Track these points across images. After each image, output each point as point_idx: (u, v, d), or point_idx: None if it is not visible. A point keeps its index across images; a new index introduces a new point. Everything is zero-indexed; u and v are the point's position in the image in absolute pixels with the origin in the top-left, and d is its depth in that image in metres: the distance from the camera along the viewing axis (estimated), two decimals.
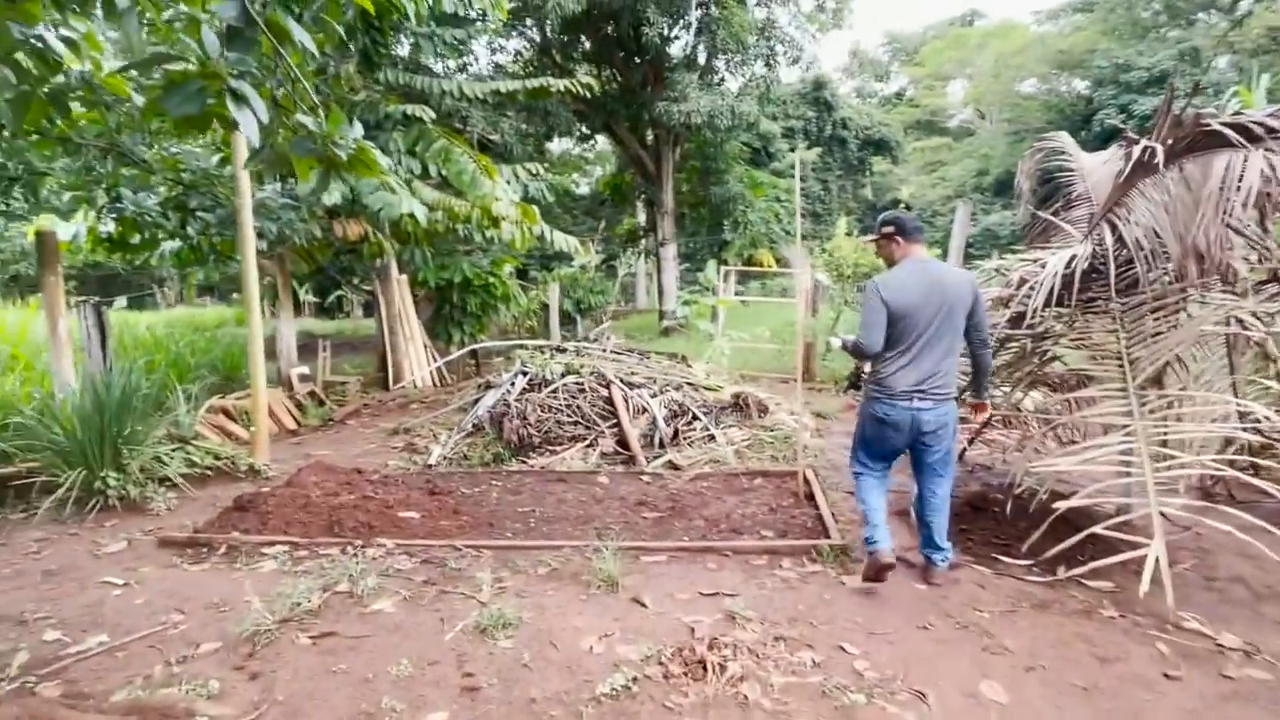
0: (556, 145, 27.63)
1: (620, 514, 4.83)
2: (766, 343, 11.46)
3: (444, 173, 8.20)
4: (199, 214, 6.65)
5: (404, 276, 10.99)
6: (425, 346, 11.23)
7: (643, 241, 21.73)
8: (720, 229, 20.86)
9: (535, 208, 9.12)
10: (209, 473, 5.88)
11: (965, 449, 5.86)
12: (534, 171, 10.38)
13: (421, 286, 11.13)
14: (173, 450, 5.95)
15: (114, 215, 6.65)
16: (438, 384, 10.99)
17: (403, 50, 10.31)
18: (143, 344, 9.22)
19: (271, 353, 9.81)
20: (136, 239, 8.16)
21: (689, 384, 7.46)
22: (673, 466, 6.00)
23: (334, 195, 7.28)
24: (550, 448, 6.35)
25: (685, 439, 6.48)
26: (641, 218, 21.76)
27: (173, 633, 3.42)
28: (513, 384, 7.08)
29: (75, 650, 3.26)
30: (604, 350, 8.01)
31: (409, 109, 8.32)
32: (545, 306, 17.10)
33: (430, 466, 6.19)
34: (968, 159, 39.53)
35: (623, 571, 3.84)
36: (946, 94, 47.53)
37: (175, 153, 6.53)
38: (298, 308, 26.98)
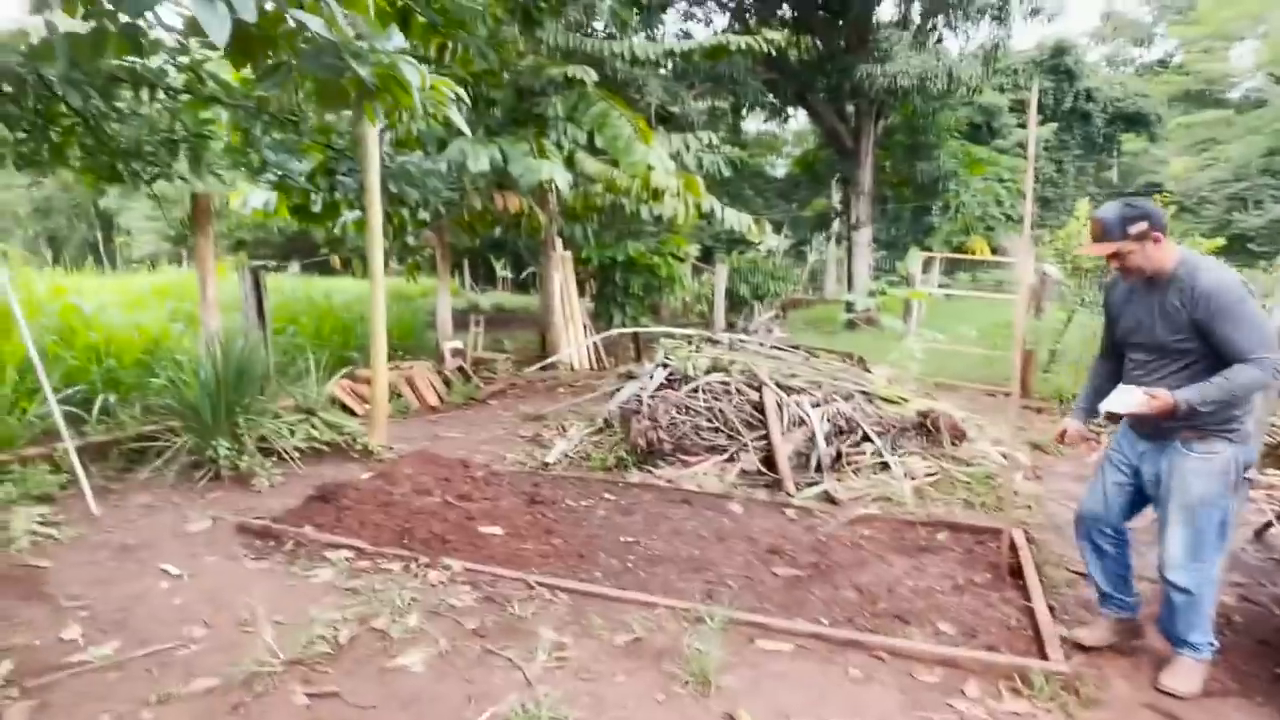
0: (752, 125, 26.33)
1: (745, 563, 3.72)
2: (972, 345, 9.56)
3: (600, 139, 7.41)
4: (341, 177, 6.38)
5: (568, 254, 10.48)
6: (586, 327, 10.68)
7: (834, 224, 19.86)
8: (926, 212, 18.48)
9: (700, 179, 8.08)
10: (325, 448, 5.56)
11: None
12: (708, 142, 9.32)
13: (585, 264, 10.56)
14: (298, 421, 5.72)
15: (267, 181, 6.57)
16: (594, 366, 10.40)
17: (575, 15, 9.68)
18: (314, 310, 9.47)
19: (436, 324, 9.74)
20: (318, 207, 8.28)
21: (864, 393, 6.08)
22: (829, 500, 4.74)
23: (481, 161, 6.75)
24: (683, 457, 5.34)
25: (850, 464, 5.17)
26: (836, 199, 19.89)
27: (183, 653, 2.88)
28: (650, 377, 6.15)
29: (77, 660, 2.82)
30: (763, 345, 6.83)
31: (570, 70, 7.61)
32: (729, 293, 16.12)
33: (546, 466, 5.44)
34: (1255, 135, 32.41)
35: (725, 661, 2.76)
36: (1229, 58, 39.41)
37: (330, 120, 6.28)
38: (492, 281, 28.26)
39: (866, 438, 5.35)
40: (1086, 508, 3.02)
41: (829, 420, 5.50)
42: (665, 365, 6.22)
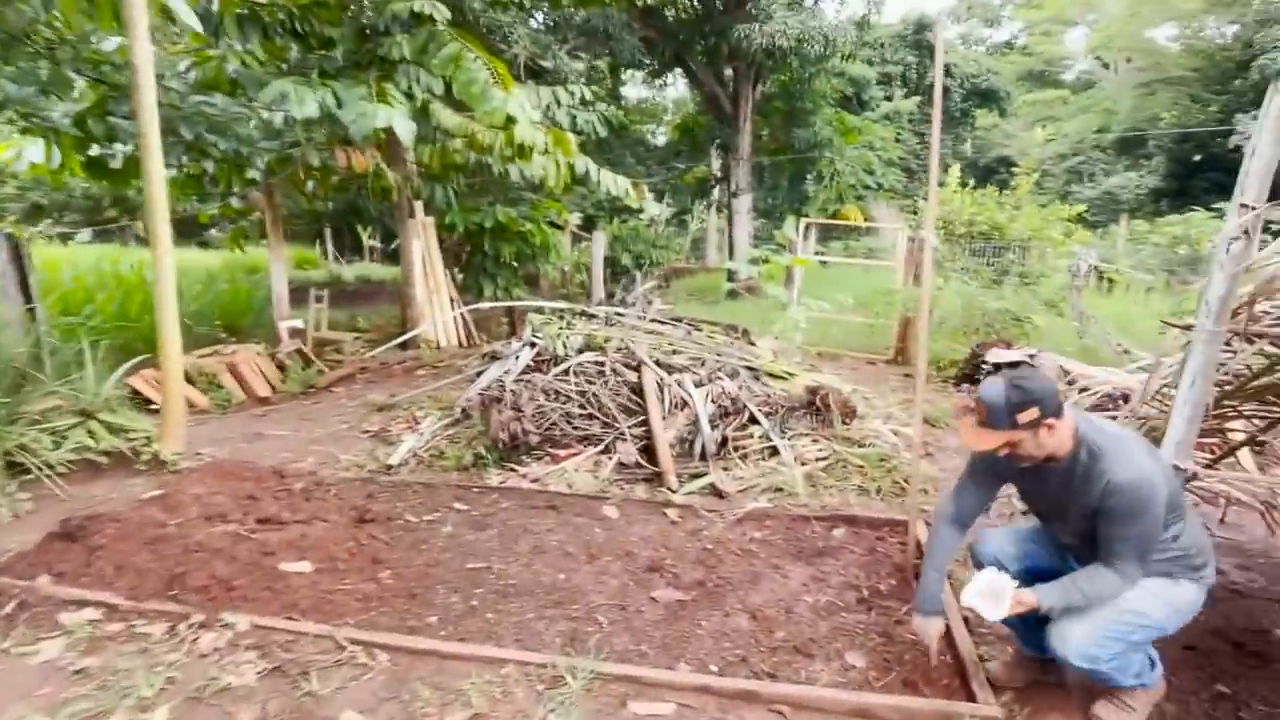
0: (632, 92, 25.47)
1: (619, 587, 3.06)
2: (852, 314, 9.37)
3: (455, 87, 6.41)
4: (121, 120, 5.10)
5: (430, 220, 9.39)
6: (453, 301, 9.66)
7: (714, 192, 19.52)
8: (802, 180, 18.45)
9: (574, 139, 7.25)
10: (104, 459, 4.42)
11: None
12: (581, 97, 8.46)
13: (450, 231, 9.50)
14: (70, 426, 4.53)
15: (8, 124, 5.18)
16: (464, 344, 9.44)
17: None
18: (121, 286, 7.94)
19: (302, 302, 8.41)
20: (117, 161, 6.79)
21: (750, 368, 5.56)
22: (716, 493, 4.17)
23: (308, 106, 5.62)
24: (552, 451, 4.61)
25: (737, 449, 4.63)
26: (716, 166, 19.53)
27: None
28: (516, 359, 5.36)
29: None
30: (643, 318, 6.18)
31: (418, 5, 6.53)
32: (606, 259, 15.40)
33: (389, 469, 4.56)
34: (1086, 113, 35.04)
35: None
36: (1065, 41, 42.36)
37: (96, 44, 4.95)
38: (359, 251, 26.10)
39: (754, 419, 4.83)
40: (991, 548, 2.51)
41: (714, 401, 4.93)
42: (533, 344, 5.44)
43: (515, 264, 9.93)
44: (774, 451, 4.56)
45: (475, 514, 3.80)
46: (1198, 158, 26.10)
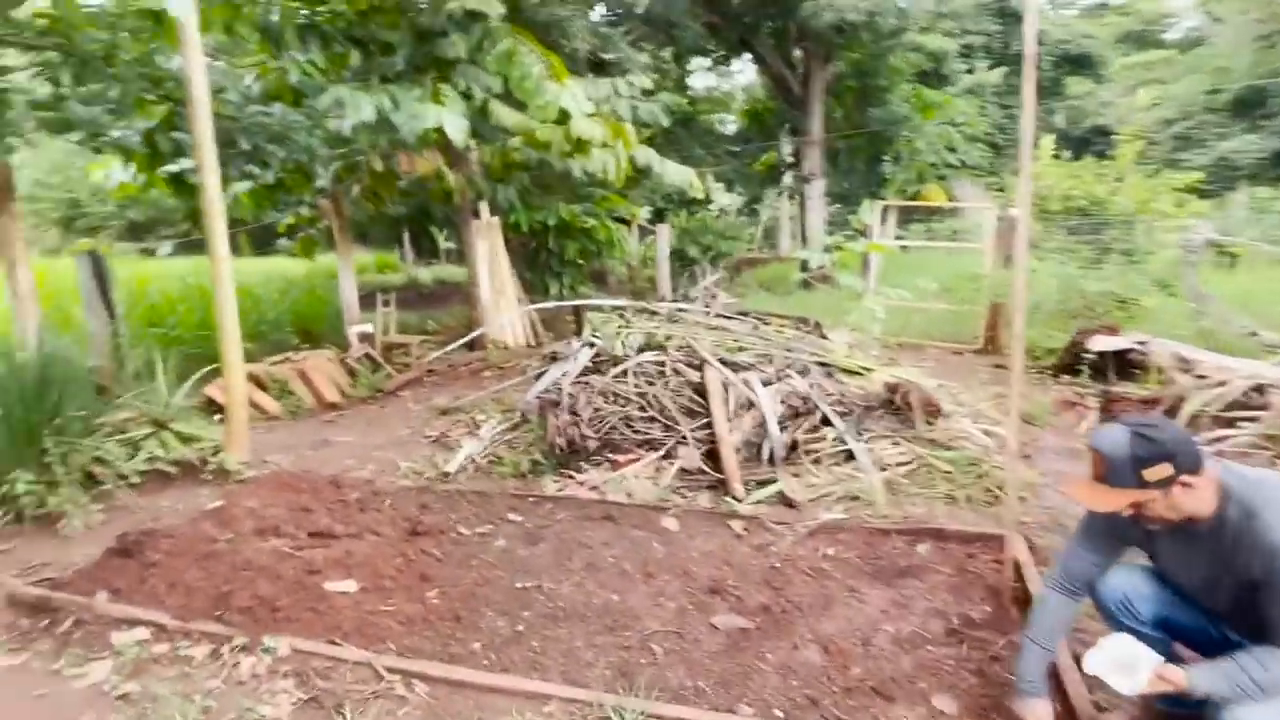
0: (700, 82, 25.05)
1: (677, 611, 2.80)
2: (934, 301, 8.77)
3: (510, 83, 6.27)
4: (184, 135, 5.19)
5: (495, 220, 9.36)
6: (520, 300, 9.61)
7: (785, 178, 18.89)
8: (879, 162, 17.61)
9: (632, 130, 7.01)
10: (173, 469, 4.49)
11: None
12: (640, 86, 8.21)
13: (514, 231, 9.45)
14: (144, 437, 4.63)
15: (82, 142, 5.33)
16: (532, 343, 9.37)
17: None
18: (204, 297, 8.22)
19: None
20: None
21: (822, 365, 5.20)
22: (785, 503, 3.86)
23: (364, 110, 5.60)
24: (611, 456, 4.40)
25: (809, 454, 4.29)
26: (787, 152, 18.90)
27: None
28: (575, 360, 5.17)
29: None
30: (707, 313, 5.89)
31: (471, 3, 6.43)
32: (674, 252, 15.15)
33: (446, 476, 4.45)
34: (1195, 74, 32.20)
35: None
36: None
37: (161, 62, 5.04)
38: (435, 253, 26.72)
39: (827, 420, 4.47)
40: (1120, 586, 2.10)
41: (783, 401, 4.61)
42: (591, 344, 5.24)
43: (580, 261, 9.79)
44: (849, 456, 4.20)
45: (529, 526, 3.62)
46: None
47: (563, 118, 6.19)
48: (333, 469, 4.66)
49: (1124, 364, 5.71)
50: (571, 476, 4.30)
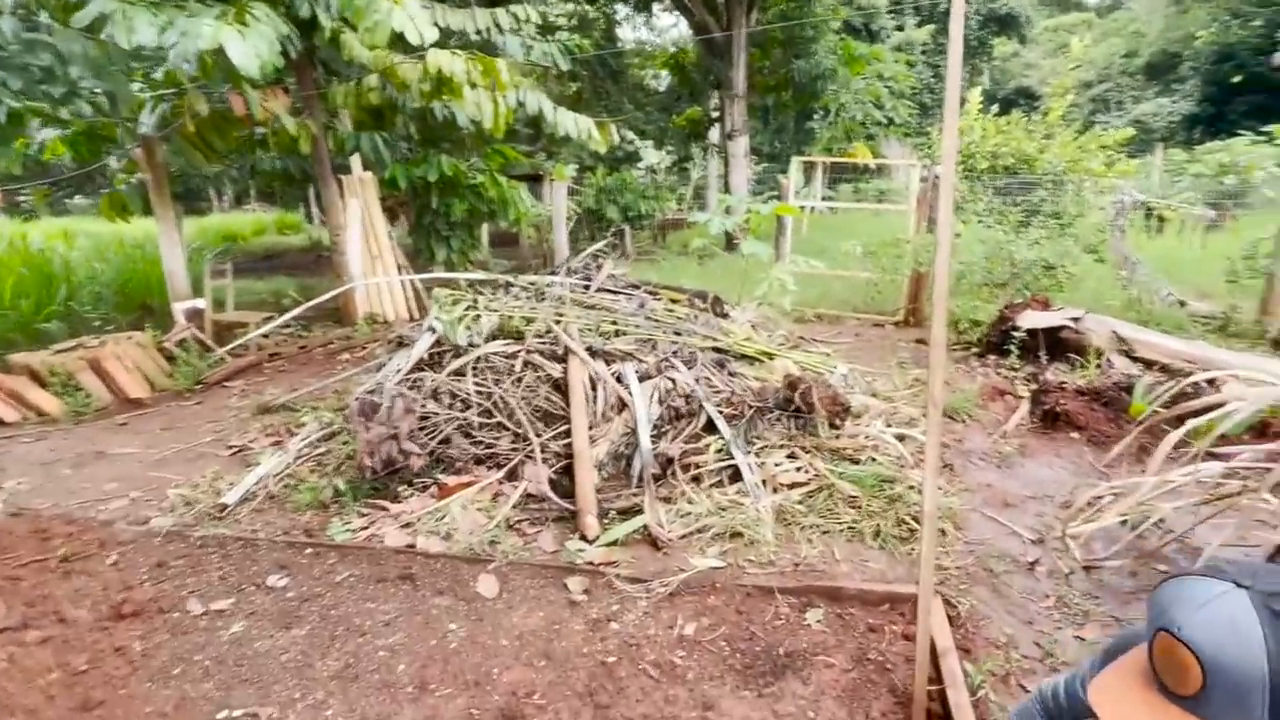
0: (630, 34, 23.58)
1: None
2: (854, 268, 8.00)
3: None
4: None
5: (368, 176, 8.09)
6: (403, 269, 8.41)
7: (710, 135, 17.84)
8: (808, 118, 16.76)
9: (502, 63, 5.85)
10: None
11: None
12: (526, 18, 6.99)
13: (391, 189, 8.18)
14: None
15: None
16: (417, 317, 8.22)
17: None
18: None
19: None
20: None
21: (716, 350, 4.30)
22: (650, 540, 2.96)
23: (141, 32, 4.28)
24: (442, 478, 3.41)
25: (688, 468, 3.40)
26: (713, 106, 17.81)
27: None
28: (411, 352, 4.12)
29: None
30: (589, 287, 4.88)
31: None
32: (591, 212, 14.04)
33: (224, 510, 3.37)
34: (1112, 38, 32.37)
35: None
36: None
37: None
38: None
39: (713, 425, 3.58)
40: None
41: (661, 401, 3.69)
42: (433, 330, 4.19)
43: (471, 223, 8.61)
44: (737, 474, 3.33)
45: (291, 596, 2.61)
46: (1237, 79, 23.77)
47: (406, 48, 4.99)
48: (81, 498, 3.54)
49: (1057, 342, 5.02)
50: (383, 507, 3.29)
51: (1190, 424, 2.84)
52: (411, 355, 4.02)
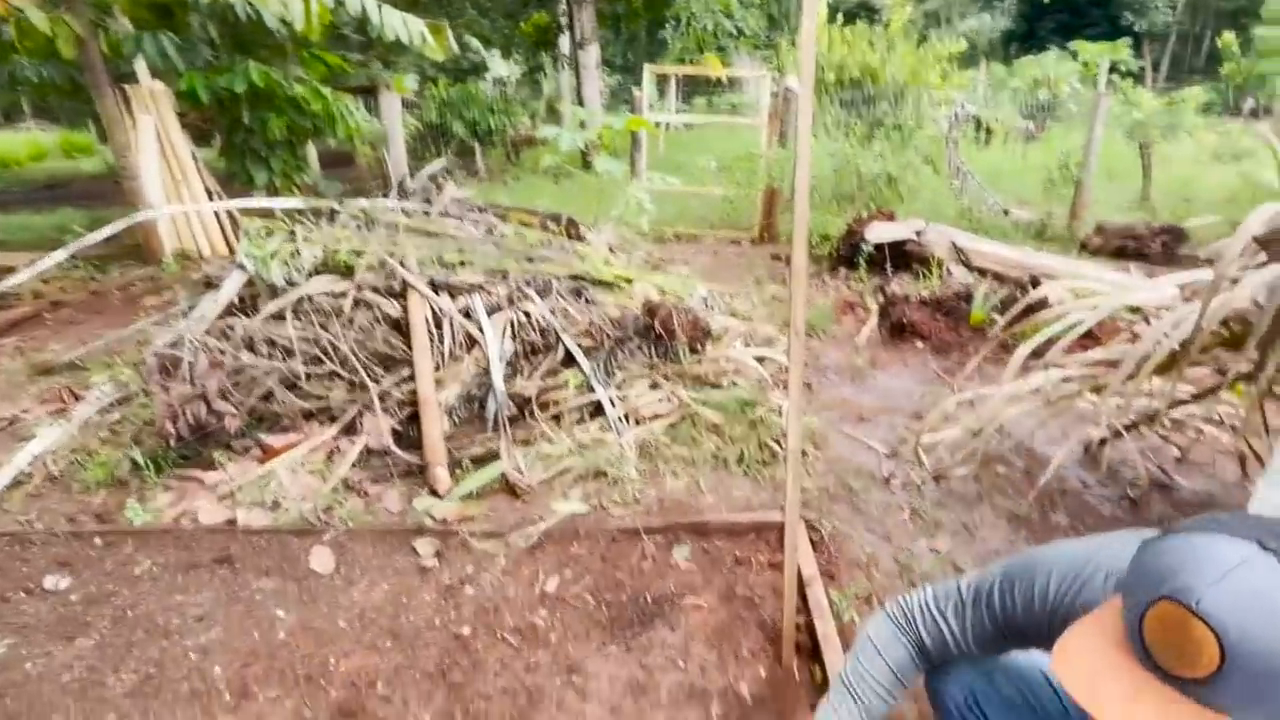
0: None
1: None
2: (710, 184, 7.89)
3: None
4: None
5: (159, 86, 6.88)
6: (215, 196, 7.34)
7: (559, 44, 16.88)
8: (659, 29, 16.19)
9: None
10: None
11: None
12: None
13: (191, 103, 7.00)
14: None
15: None
16: (234, 251, 7.25)
17: None
18: None
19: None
20: None
21: (573, 278, 4.03)
22: (508, 489, 2.74)
23: None
24: (264, 438, 2.98)
25: (547, 407, 3.18)
26: (561, 12, 16.74)
27: None
28: (218, 295, 3.54)
29: None
30: (429, 213, 4.41)
31: None
32: (435, 128, 13.00)
33: None
34: None
35: None
36: None
37: None
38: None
39: (571, 358, 3.36)
40: (964, 686, 1.25)
41: (514, 336, 3.41)
42: (242, 268, 3.61)
43: (292, 141, 7.61)
44: (598, 409, 3.15)
45: (74, 599, 2.17)
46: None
47: None
48: None
49: (902, 254, 5.17)
50: (196, 479, 2.84)
51: (1035, 338, 2.95)
52: (219, 299, 3.45)
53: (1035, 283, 4.11)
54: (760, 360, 3.56)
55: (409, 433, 3.07)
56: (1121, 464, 2.80)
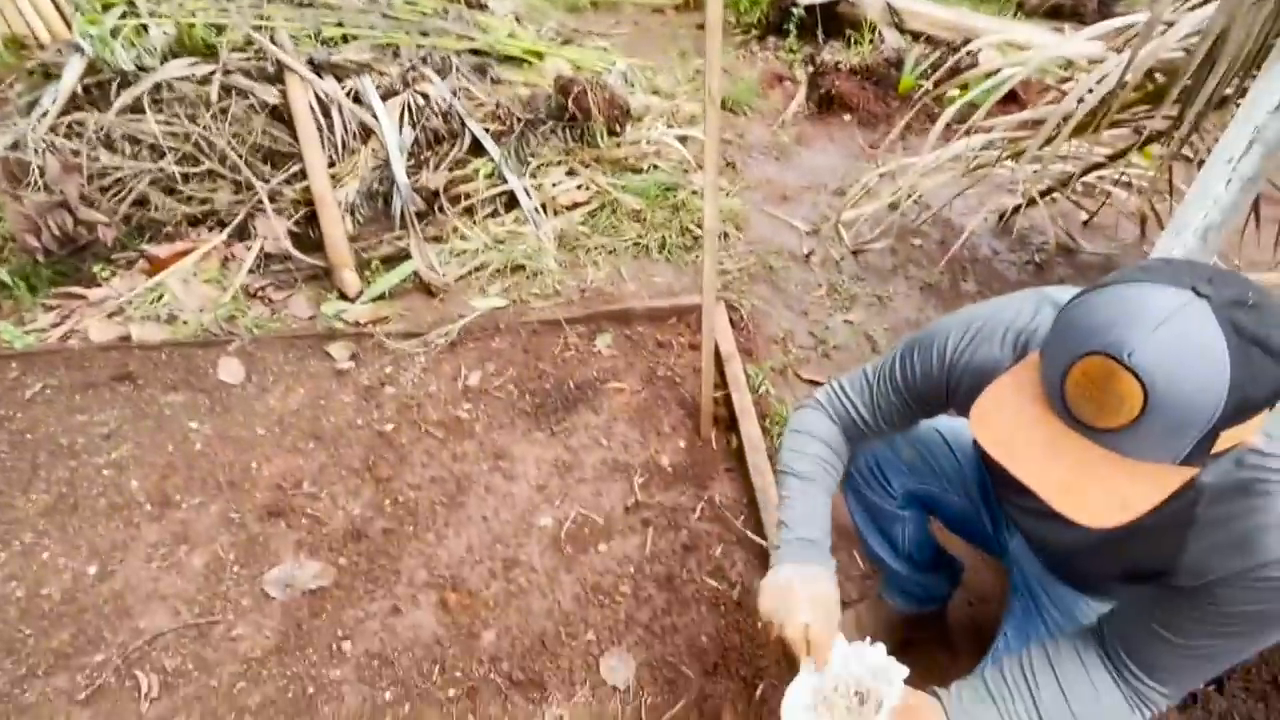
0: None
1: (204, 577, 1.64)
2: None
3: None
4: None
5: None
6: None
7: None
8: None
9: None
10: None
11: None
12: None
13: None
14: None
15: None
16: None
17: None
18: None
19: None
20: None
21: (475, 52, 3.60)
22: (423, 288, 2.63)
23: None
24: (148, 249, 2.72)
25: (458, 201, 2.97)
26: None
27: None
28: (60, 84, 3.03)
29: None
30: None
31: None
32: None
33: None
34: None
35: None
36: None
37: None
38: None
39: (479, 147, 3.09)
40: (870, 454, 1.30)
41: (414, 122, 3.09)
42: (79, 49, 3.06)
43: None
44: (513, 200, 2.96)
45: None
46: None
47: None
48: None
49: (834, 18, 4.78)
50: (79, 296, 2.61)
51: (958, 102, 2.83)
52: (59, 90, 2.96)
53: (967, 44, 3.91)
54: (683, 140, 3.35)
55: (309, 234, 2.85)
56: (1031, 230, 2.85)
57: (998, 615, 1.20)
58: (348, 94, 3.11)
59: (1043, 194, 2.64)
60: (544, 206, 2.93)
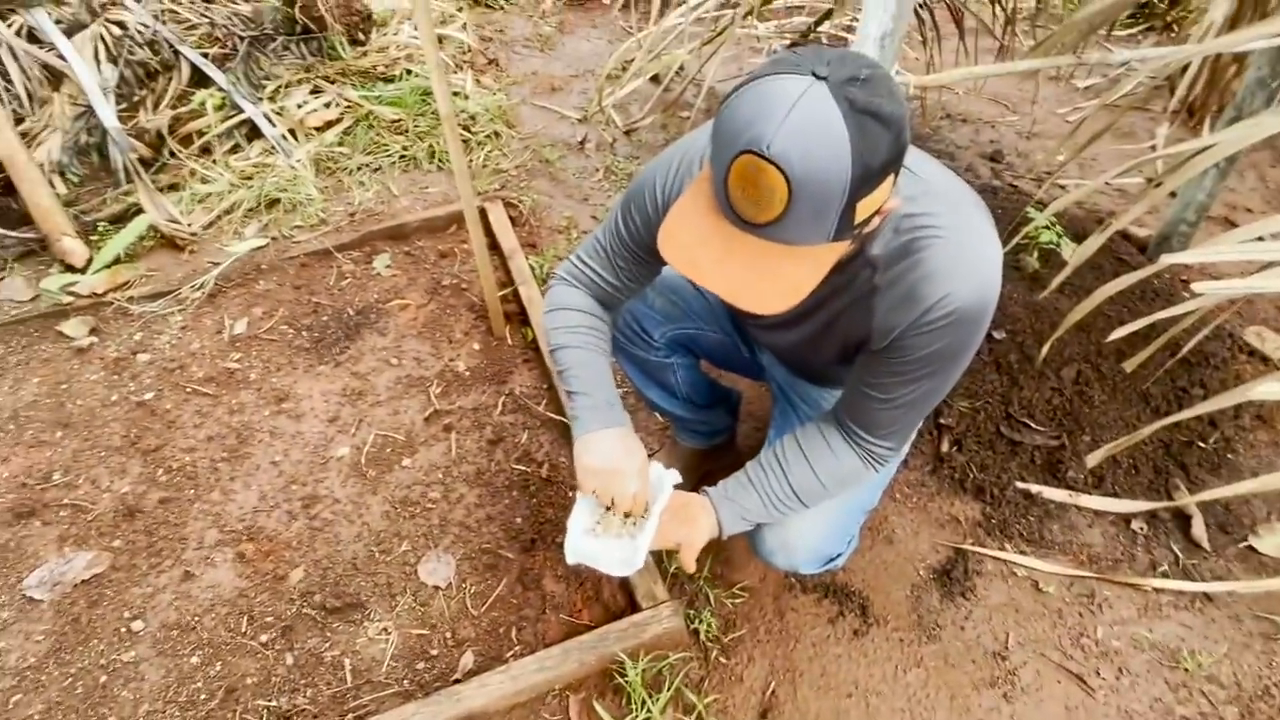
0: None
1: None
2: None
3: None
4: None
5: None
6: None
7: None
8: None
9: None
10: None
11: None
12: None
13: None
14: None
15: None
16: None
17: None
18: None
19: None
20: None
21: None
22: (167, 242, 2.33)
23: None
24: None
25: (190, 140, 2.61)
26: None
27: None
28: None
29: None
30: None
31: None
32: None
33: None
34: None
35: None
36: None
37: None
38: None
39: (201, 76, 2.71)
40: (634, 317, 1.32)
41: (114, 58, 2.64)
42: None
43: None
44: (255, 130, 2.65)
45: None
46: None
47: None
48: None
49: None
50: None
51: None
52: None
53: None
54: (440, 41, 3.12)
55: (11, 206, 2.42)
56: None
57: None
58: (18, 33, 2.60)
59: (787, 48, 2.73)
60: (291, 132, 2.65)
